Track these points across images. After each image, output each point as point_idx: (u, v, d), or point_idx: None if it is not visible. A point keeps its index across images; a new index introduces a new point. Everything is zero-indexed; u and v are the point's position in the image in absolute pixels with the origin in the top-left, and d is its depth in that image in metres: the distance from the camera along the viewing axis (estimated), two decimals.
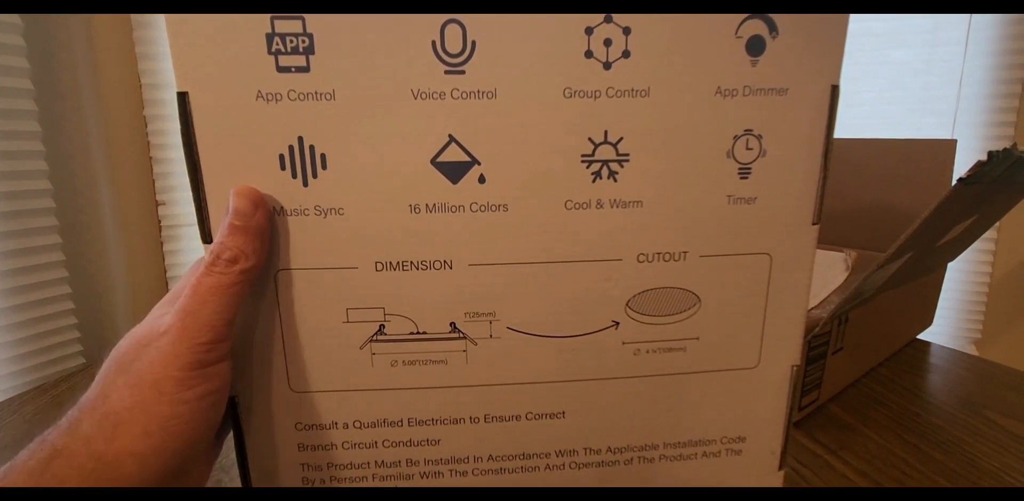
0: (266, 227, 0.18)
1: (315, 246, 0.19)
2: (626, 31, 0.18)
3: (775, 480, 0.24)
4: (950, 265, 0.52)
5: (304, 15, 0.17)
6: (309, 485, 0.22)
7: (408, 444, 0.22)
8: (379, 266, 0.20)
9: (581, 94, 0.19)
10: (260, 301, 0.20)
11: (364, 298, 0.20)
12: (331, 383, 0.21)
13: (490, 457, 0.23)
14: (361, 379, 0.21)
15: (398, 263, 0.20)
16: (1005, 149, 0.28)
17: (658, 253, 0.21)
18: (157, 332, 0.17)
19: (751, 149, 0.20)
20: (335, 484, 0.22)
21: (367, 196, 0.19)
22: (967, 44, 0.83)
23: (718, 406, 0.23)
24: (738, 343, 0.22)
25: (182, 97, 0.18)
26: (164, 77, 0.70)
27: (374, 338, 0.20)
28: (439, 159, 0.19)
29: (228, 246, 0.18)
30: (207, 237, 0.19)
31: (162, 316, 0.18)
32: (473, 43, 0.18)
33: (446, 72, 0.18)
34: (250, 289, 0.19)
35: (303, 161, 0.19)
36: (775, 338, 0.22)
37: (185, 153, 0.19)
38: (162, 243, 0.74)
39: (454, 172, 0.19)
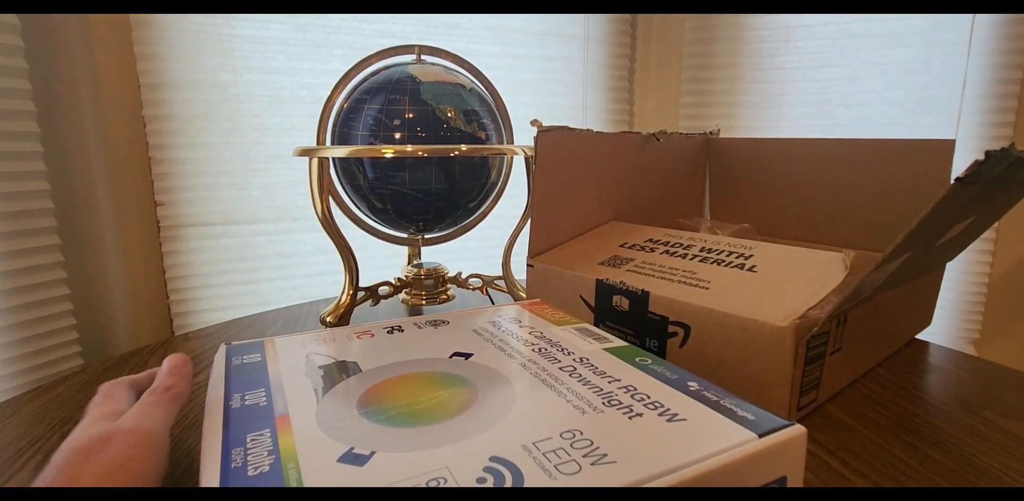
0: (190, 373, 0.30)
1: None
2: None
3: None
4: (949, 265, 0.52)
5: None
6: None
7: None
8: None
9: None
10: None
11: None
12: None
13: None
14: None
15: None
16: (1003, 149, 0.28)
17: None
18: (118, 430, 0.24)
19: None
20: None
21: None
22: (970, 44, 0.83)
23: None
24: None
25: None
26: (163, 77, 0.70)
27: None
28: None
29: (165, 382, 0.28)
30: None
31: (107, 426, 0.25)
32: None
33: None
34: (179, 407, 0.28)
35: None
36: None
37: None
38: (160, 244, 0.74)
39: None
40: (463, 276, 0.62)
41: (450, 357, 0.32)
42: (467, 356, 0.32)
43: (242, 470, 0.21)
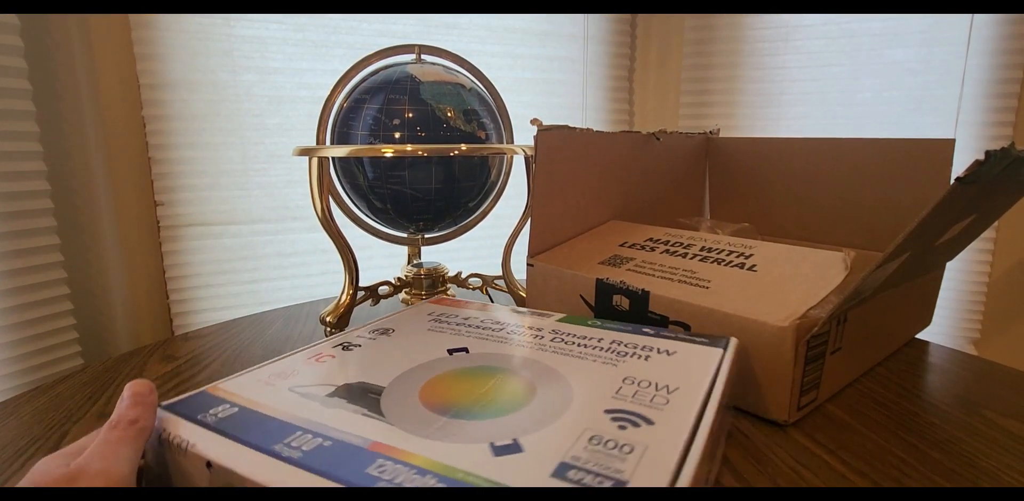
0: (155, 403, 0.27)
1: None
2: None
3: None
4: (948, 265, 0.52)
5: None
6: None
7: None
8: None
9: None
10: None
11: None
12: None
13: None
14: None
15: None
16: (1003, 148, 0.28)
17: None
18: (84, 473, 0.22)
19: None
20: None
21: None
22: (969, 43, 0.83)
23: None
24: None
25: None
26: (162, 77, 0.70)
27: None
28: None
29: (129, 414, 0.25)
30: None
31: (67, 464, 0.22)
32: None
33: None
34: (144, 441, 0.25)
35: None
36: None
37: None
38: (160, 243, 0.74)
39: None
40: (463, 276, 0.62)
41: (452, 354, 0.32)
42: (464, 350, 0.33)
43: None
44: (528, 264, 0.50)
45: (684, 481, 0.20)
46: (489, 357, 0.31)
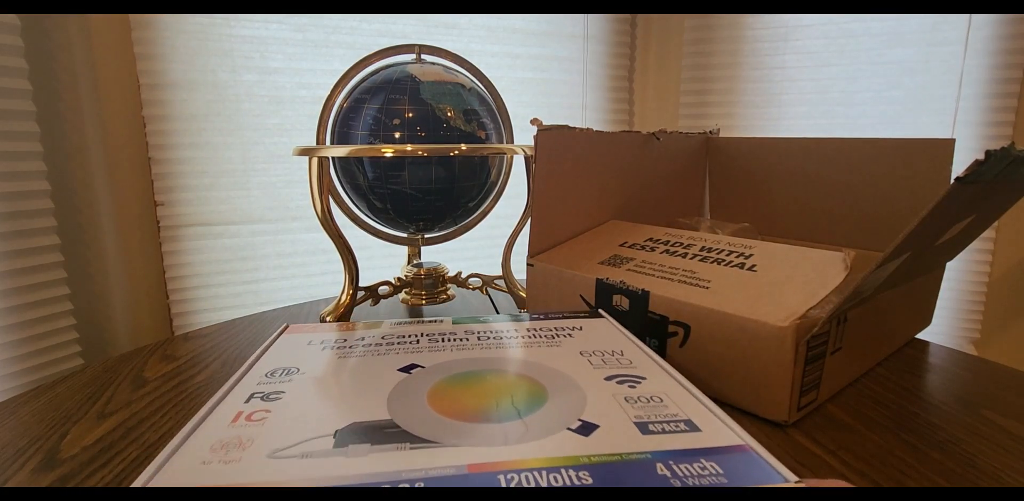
0: None
1: None
2: None
3: None
4: (949, 265, 0.52)
5: None
6: None
7: None
8: None
9: None
10: None
11: None
12: None
13: None
14: None
15: None
16: (1003, 148, 0.28)
17: None
18: None
19: None
20: None
21: None
22: (966, 43, 0.83)
23: None
24: None
25: None
26: (163, 77, 0.70)
27: None
28: None
29: None
30: None
31: None
32: None
33: None
34: None
35: None
36: None
37: None
38: (160, 244, 0.74)
39: None
40: (463, 276, 0.62)
41: (410, 372, 0.28)
42: (417, 366, 0.29)
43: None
44: (528, 264, 0.50)
45: (720, 413, 0.23)
46: (452, 365, 0.29)
